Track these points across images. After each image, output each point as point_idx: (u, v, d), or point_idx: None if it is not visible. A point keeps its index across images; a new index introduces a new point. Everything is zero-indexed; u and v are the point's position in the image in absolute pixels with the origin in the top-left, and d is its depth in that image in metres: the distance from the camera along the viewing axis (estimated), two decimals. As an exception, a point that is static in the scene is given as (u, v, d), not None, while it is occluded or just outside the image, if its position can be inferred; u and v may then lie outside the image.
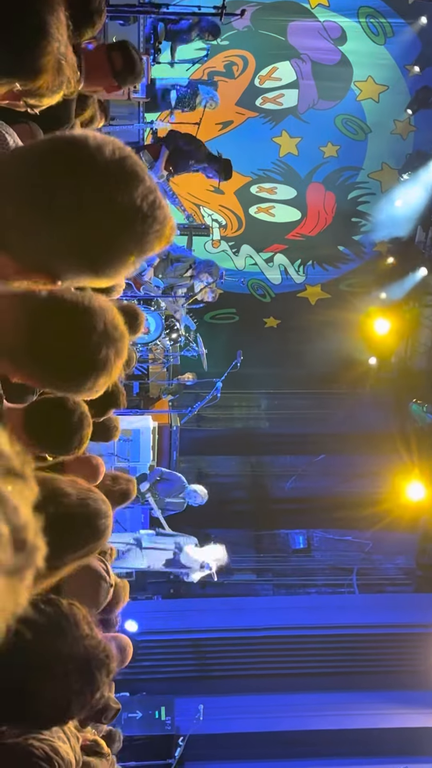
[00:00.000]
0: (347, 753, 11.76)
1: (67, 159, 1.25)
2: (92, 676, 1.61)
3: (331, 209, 15.98)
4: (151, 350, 11.15)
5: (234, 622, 12.76)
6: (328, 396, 16.32)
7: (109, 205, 1.23)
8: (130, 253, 1.29)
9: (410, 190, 15.21)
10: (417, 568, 15.12)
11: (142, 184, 1.26)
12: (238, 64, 14.52)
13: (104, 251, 1.28)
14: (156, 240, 1.30)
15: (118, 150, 1.27)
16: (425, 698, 12.35)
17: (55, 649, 1.55)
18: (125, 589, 4.47)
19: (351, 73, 14.81)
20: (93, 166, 1.24)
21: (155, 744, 10.67)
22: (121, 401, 4.21)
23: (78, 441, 2.89)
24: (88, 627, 1.63)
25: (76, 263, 1.30)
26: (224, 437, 15.91)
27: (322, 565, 15.05)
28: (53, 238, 1.26)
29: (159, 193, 1.30)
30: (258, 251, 16.23)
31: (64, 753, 1.70)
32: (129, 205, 1.24)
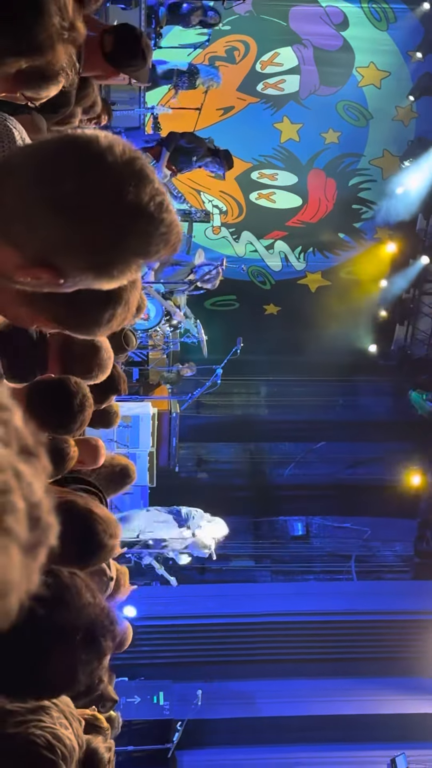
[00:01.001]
0: (344, 739, 11.83)
1: (77, 157, 1.25)
2: (98, 644, 1.62)
3: (332, 196, 15.93)
4: (150, 337, 11.14)
5: (232, 609, 12.80)
6: (328, 383, 16.32)
7: (116, 204, 1.24)
8: (134, 253, 1.30)
9: (411, 177, 15.15)
10: (415, 555, 15.16)
11: (150, 185, 1.26)
12: (240, 49, 14.45)
13: (109, 250, 1.28)
14: (162, 243, 1.30)
15: (128, 150, 1.26)
16: (422, 685, 12.41)
17: (61, 622, 1.56)
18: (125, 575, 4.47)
19: (353, 59, 14.73)
20: (102, 165, 1.24)
21: (153, 728, 10.74)
22: (122, 387, 4.21)
23: (80, 422, 2.91)
24: (91, 595, 1.64)
25: (80, 261, 1.30)
26: (224, 424, 15.92)
27: (320, 552, 15.10)
28: (59, 235, 1.26)
29: (167, 196, 1.30)
30: (258, 238, 16.19)
31: (67, 739, 1.71)
32: (136, 205, 1.24)
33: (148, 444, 11.19)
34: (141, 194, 1.24)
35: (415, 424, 15.58)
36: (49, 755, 1.67)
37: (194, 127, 11.51)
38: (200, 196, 15.35)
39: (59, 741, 1.68)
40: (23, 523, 0.73)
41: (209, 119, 13.67)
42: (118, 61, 3.66)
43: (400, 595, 13.62)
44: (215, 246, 15.70)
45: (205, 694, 10.19)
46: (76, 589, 1.60)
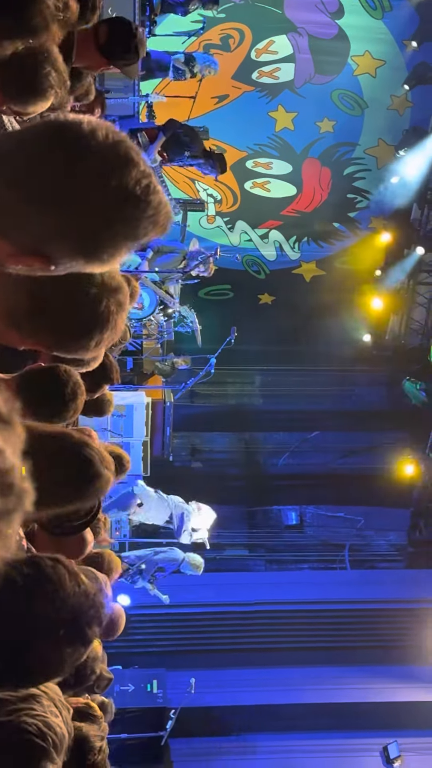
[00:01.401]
0: (337, 727, 11.89)
1: (61, 143, 1.25)
2: (83, 633, 1.62)
3: (327, 185, 15.90)
4: (145, 326, 11.13)
5: (226, 597, 12.84)
6: (322, 373, 16.33)
7: (102, 189, 1.23)
8: (123, 237, 1.29)
9: (406, 166, 15.12)
10: (408, 544, 15.22)
11: (136, 168, 1.25)
12: (235, 37, 14.38)
13: (97, 235, 1.27)
14: (150, 225, 1.29)
15: (112, 134, 1.25)
16: (414, 673, 12.48)
17: (44, 615, 1.56)
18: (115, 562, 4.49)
19: (348, 48, 14.67)
20: (86, 150, 1.23)
21: (147, 716, 10.77)
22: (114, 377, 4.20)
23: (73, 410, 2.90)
24: (74, 583, 1.63)
25: (69, 247, 1.30)
26: (218, 413, 15.93)
27: (314, 541, 15.14)
28: (47, 222, 1.26)
29: (154, 178, 1.29)
30: (253, 227, 16.16)
31: (57, 727, 1.72)
32: (122, 190, 1.24)
33: (142, 433, 11.18)
34: (127, 179, 1.23)
35: (408, 414, 15.61)
36: (41, 743, 1.68)
37: (189, 115, 11.47)
38: (195, 185, 15.31)
39: (50, 729, 1.69)
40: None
41: (204, 107, 13.62)
42: (111, 54, 3.66)
43: (394, 584, 13.68)
44: (210, 235, 15.67)
45: (199, 682, 10.23)
46: (59, 580, 1.59)
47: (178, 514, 9.63)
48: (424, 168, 15.07)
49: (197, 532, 9.68)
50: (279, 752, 11.74)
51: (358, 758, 11.87)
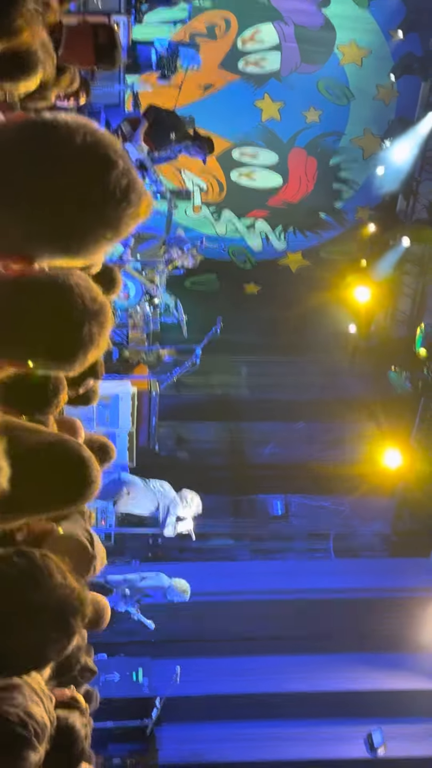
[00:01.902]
0: (322, 714, 11.96)
1: (39, 144, 1.23)
2: (67, 624, 1.64)
3: (313, 175, 15.90)
4: (130, 316, 11.11)
5: (211, 587, 12.87)
6: (308, 363, 16.35)
7: (81, 191, 1.22)
8: (104, 235, 1.29)
9: (392, 157, 15.13)
10: (393, 533, 15.29)
11: (114, 168, 1.24)
12: (221, 25, 14.33)
13: (77, 236, 1.27)
14: (131, 220, 1.30)
15: (90, 135, 1.24)
16: (398, 661, 12.57)
17: (30, 601, 1.58)
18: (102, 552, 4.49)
19: (334, 37, 14.65)
20: (65, 152, 1.22)
21: (133, 705, 10.81)
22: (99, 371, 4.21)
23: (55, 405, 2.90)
24: (62, 576, 1.65)
25: (49, 246, 1.30)
26: (203, 403, 15.93)
27: (299, 531, 15.18)
28: (26, 223, 1.25)
29: (133, 174, 1.28)
30: (239, 217, 16.15)
31: (39, 716, 1.73)
32: (102, 193, 1.23)
33: (128, 423, 11.18)
34: (107, 181, 1.23)
35: (393, 404, 15.67)
36: (23, 732, 1.69)
37: (175, 104, 11.43)
38: (181, 174, 15.27)
39: (31, 718, 1.71)
40: None
41: (190, 96, 13.58)
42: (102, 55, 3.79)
43: (378, 573, 13.75)
44: (196, 225, 15.65)
45: (184, 671, 10.27)
46: (48, 570, 1.61)
47: (165, 504, 9.62)
48: (409, 158, 15.08)
49: (183, 521, 9.68)
50: (263, 740, 11.80)
51: (343, 745, 11.96)
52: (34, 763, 1.70)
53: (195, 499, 9.78)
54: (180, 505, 9.70)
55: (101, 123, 8.75)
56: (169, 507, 9.50)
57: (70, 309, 1.49)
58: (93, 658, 5.49)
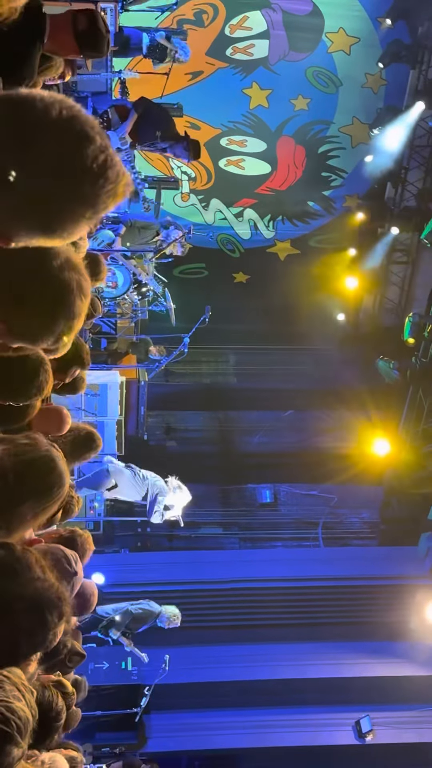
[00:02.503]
0: (310, 701, 12.02)
1: (15, 120, 1.22)
2: (43, 617, 1.65)
3: (301, 163, 15.87)
4: (119, 305, 11.06)
5: (200, 575, 12.90)
6: (297, 352, 16.38)
7: (58, 167, 1.21)
8: (82, 213, 1.28)
9: (380, 145, 15.11)
10: (381, 521, 15.35)
11: (92, 144, 1.22)
12: (208, 12, 14.26)
13: (55, 213, 1.26)
14: (109, 199, 1.28)
15: (66, 110, 1.23)
16: (386, 648, 12.62)
17: (5, 588, 1.59)
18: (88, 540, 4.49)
19: (322, 24, 14.60)
20: (40, 128, 1.21)
21: (122, 693, 10.82)
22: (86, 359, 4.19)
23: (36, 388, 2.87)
24: (41, 570, 1.66)
25: (27, 225, 1.28)
26: (192, 392, 15.94)
27: (288, 519, 15.22)
28: (5, 205, 1.24)
29: (111, 151, 1.27)
30: (227, 205, 16.11)
31: (20, 712, 1.73)
32: (78, 167, 1.22)
33: (117, 412, 11.16)
34: (83, 156, 1.21)
35: (382, 393, 15.71)
36: (5, 728, 1.70)
37: (162, 92, 11.35)
38: (169, 162, 15.21)
39: (13, 713, 1.71)
40: None
41: (178, 84, 13.51)
42: (86, 43, 3.73)
43: (366, 560, 13.80)
44: (184, 214, 15.61)
45: (173, 660, 10.28)
46: (27, 562, 1.63)
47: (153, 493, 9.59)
48: (397, 147, 15.07)
49: (171, 509, 9.66)
50: (252, 727, 11.85)
51: (331, 732, 12.02)
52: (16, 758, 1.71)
53: (183, 488, 9.76)
54: (169, 494, 9.68)
55: (88, 110, 8.68)
56: (156, 495, 9.47)
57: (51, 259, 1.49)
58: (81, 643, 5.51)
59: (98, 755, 10.31)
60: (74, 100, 4.48)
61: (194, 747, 12.00)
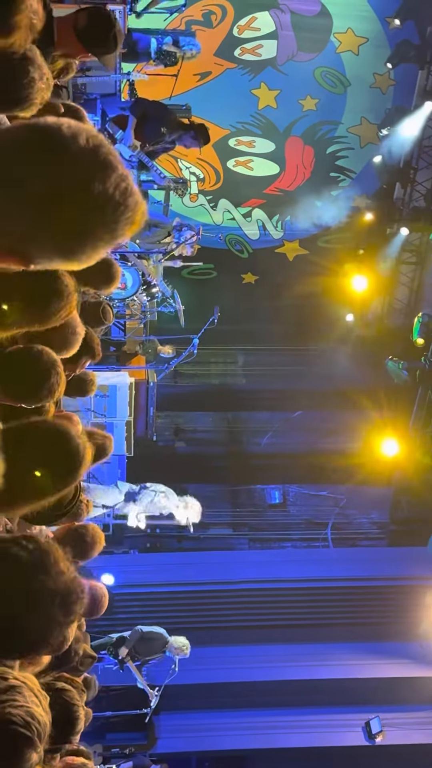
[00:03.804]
0: (320, 702, 12.02)
1: (42, 147, 1.27)
2: (71, 609, 1.70)
3: (310, 164, 15.86)
4: (128, 306, 11.07)
5: (210, 576, 12.91)
6: (305, 352, 16.37)
7: (82, 194, 1.25)
8: (101, 239, 1.32)
9: (389, 145, 15.10)
10: (390, 522, 15.34)
11: (114, 172, 1.27)
12: (217, 13, 14.26)
13: (76, 239, 1.30)
14: (127, 226, 1.33)
15: (92, 138, 1.28)
16: (396, 649, 12.61)
17: (41, 583, 1.64)
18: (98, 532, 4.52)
19: (330, 25, 14.58)
20: (67, 155, 1.25)
21: (131, 694, 10.82)
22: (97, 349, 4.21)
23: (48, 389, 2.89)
24: (65, 564, 1.72)
25: (48, 249, 1.32)
26: (201, 393, 15.95)
27: (297, 520, 15.23)
28: (26, 225, 1.28)
29: (131, 180, 1.32)
30: (236, 206, 16.12)
31: (39, 717, 1.78)
32: (102, 194, 1.26)
33: (126, 413, 11.18)
34: (106, 184, 1.26)
35: (391, 393, 15.68)
36: (26, 732, 1.74)
37: (171, 93, 11.38)
38: (177, 163, 15.23)
39: (33, 719, 1.75)
40: None
41: (186, 85, 13.53)
42: (88, 40, 3.70)
43: (376, 561, 13.79)
44: (192, 214, 15.62)
45: (183, 660, 10.29)
46: (54, 556, 1.68)
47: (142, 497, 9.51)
48: (406, 147, 15.05)
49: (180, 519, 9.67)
50: (262, 728, 11.87)
51: (341, 733, 12.02)
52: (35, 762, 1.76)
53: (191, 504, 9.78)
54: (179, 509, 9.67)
55: (97, 112, 8.69)
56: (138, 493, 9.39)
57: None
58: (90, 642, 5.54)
59: (108, 756, 10.33)
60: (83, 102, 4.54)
61: (204, 748, 12.02)
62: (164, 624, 10.50)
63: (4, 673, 1.81)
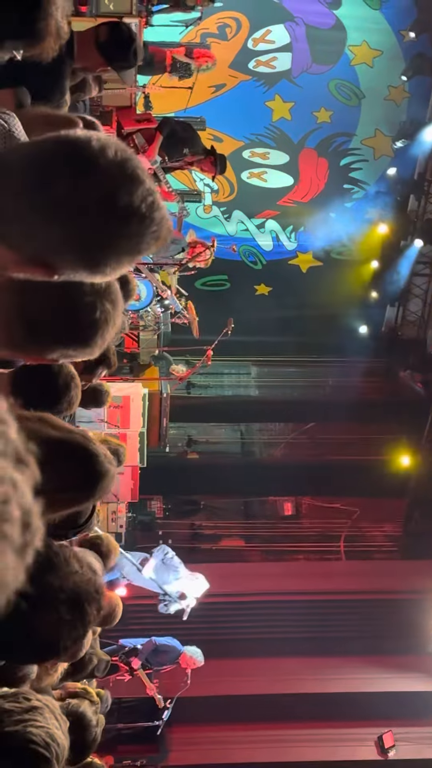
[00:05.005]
0: (333, 716, 11.97)
1: (70, 160, 1.27)
2: (83, 609, 1.70)
3: (324, 175, 15.89)
4: (142, 317, 11.11)
5: (222, 588, 12.88)
6: (319, 364, 16.35)
7: (109, 207, 1.26)
8: (127, 252, 1.33)
9: (403, 157, 15.11)
10: (404, 535, 15.27)
11: (142, 186, 1.28)
12: (232, 26, 14.34)
13: (102, 251, 1.31)
14: (153, 240, 1.33)
15: (120, 152, 1.29)
16: (410, 663, 12.55)
17: (46, 581, 1.64)
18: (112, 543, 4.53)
19: (345, 38, 14.64)
20: (95, 168, 1.26)
21: (143, 706, 10.81)
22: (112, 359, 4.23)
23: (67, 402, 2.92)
24: (78, 564, 1.72)
25: (73, 260, 1.33)
26: (214, 404, 15.95)
27: (310, 532, 15.19)
28: (52, 235, 1.29)
29: (158, 195, 1.32)
30: (250, 217, 16.15)
31: (59, 739, 1.78)
32: (129, 208, 1.27)
33: (139, 424, 11.19)
34: (133, 197, 1.26)
35: (405, 405, 15.65)
36: (45, 753, 1.74)
37: (186, 105, 11.44)
38: (192, 174, 15.27)
39: (53, 740, 1.76)
40: (17, 529, 0.80)
41: (201, 97, 13.58)
42: (110, 54, 3.74)
43: (389, 574, 13.74)
44: (206, 225, 15.66)
45: (195, 673, 10.27)
46: (64, 556, 1.69)
47: None
48: (421, 159, 15.07)
49: (185, 599, 9.81)
50: (273, 741, 11.81)
51: (354, 747, 11.95)
52: None
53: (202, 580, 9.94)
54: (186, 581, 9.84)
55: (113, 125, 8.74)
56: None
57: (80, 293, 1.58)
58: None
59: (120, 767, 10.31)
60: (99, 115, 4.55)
61: (215, 761, 11.96)
62: (177, 635, 10.49)
63: (27, 693, 1.82)
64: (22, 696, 1.81)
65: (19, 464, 0.84)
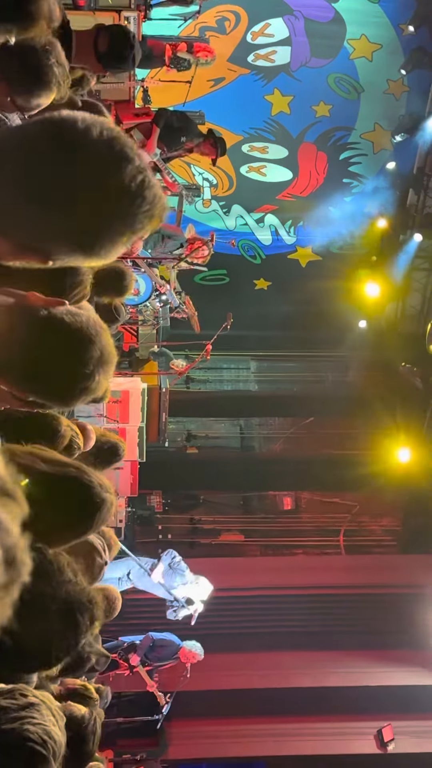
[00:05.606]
0: (332, 710, 11.98)
1: (56, 141, 1.25)
2: (75, 619, 1.67)
3: (323, 170, 15.85)
4: (140, 312, 11.09)
5: (221, 583, 12.87)
6: (318, 358, 16.34)
7: (98, 186, 1.24)
8: (120, 233, 1.30)
9: (402, 151, 15.07)
10: (403, 529, 15.28)
11: (130, 164, 1.25)
12: (230, 19, 14.28)
13: (94, 232, 1.28)
14: (146, 219, 1.30)
15: (107, 131, 1.26)
16: (408, 657, 12.56)
17: (37, 589, 1.60)
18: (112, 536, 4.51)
19: (344, 31, 14.58)
20: (81, 149, 1.24)
21: (142, 700, 10.82)
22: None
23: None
24: (72, 573, 1.69)
25: (67, 244, 1.31)
26: (213, 399, 15.93)
27: (309, 527, 15.19)
28: (44, 220, 1.27)
29: (149, 172, 1.29)
30: (249, 211, 16.12)
31: (56, 735, 1.76)
32: (118, 186, 1.24)
33: (138, 419, 11.18)
34: (122, 176, 1.24)
35: (404, 400, 15.63)
36: (42, 750, 1.73)
37: (185, 99, 11.40)
38: (191, 168, 15.24)
39: (50, 737, 1.74)
40: (1, 566, 0.78)
41: (200, 91, 13.54)
42: (108, 63, 3.73)
43: (389, 568, 13.74)
44: (205, 219, 15.63)
45: (194, 667, 10.28)
46: (58, 565, 1.66)
47: None
48: (420, 153, 15.03)
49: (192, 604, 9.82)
50: (275, 735, 11.83)
51: (353, 741, 11.97)
52: None
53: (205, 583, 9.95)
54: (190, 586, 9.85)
55: (112, 118, 8.72)
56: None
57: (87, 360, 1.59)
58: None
59: (119, 762, 10.33)
60: (98, 110, 4.45)
61: (214, 754, 11.98)
62: (175, 630, 10.50)
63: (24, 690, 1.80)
64: (18, 692, 1.79)
65: (4, 496, 0.82)
